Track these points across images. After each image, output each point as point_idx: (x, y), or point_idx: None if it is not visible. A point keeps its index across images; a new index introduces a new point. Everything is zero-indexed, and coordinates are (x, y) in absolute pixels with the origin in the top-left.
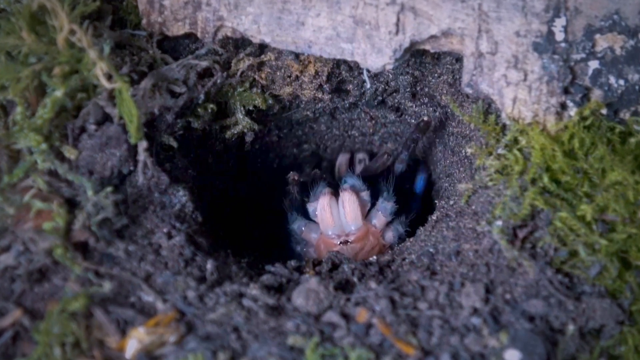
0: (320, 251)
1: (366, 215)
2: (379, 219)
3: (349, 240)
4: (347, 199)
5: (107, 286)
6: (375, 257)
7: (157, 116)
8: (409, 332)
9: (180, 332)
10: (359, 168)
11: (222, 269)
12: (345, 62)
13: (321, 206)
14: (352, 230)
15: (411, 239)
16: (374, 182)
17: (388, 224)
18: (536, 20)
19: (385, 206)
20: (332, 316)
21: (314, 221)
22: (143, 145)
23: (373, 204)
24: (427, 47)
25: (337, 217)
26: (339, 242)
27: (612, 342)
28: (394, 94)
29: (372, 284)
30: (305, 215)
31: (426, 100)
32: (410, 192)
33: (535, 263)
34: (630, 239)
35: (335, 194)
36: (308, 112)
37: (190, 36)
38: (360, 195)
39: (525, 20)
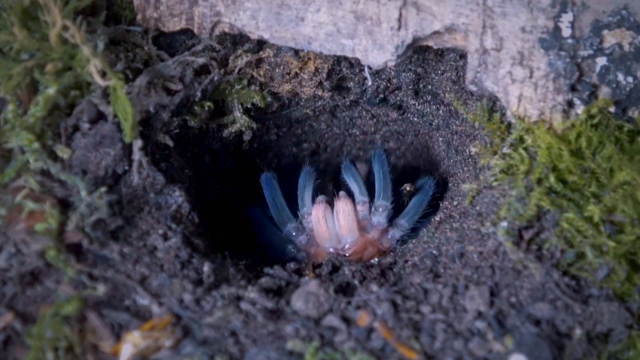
0: (318, 260)
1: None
2: (374, 231)
3: (346, 254)
4: (342, 209)
5: (101, 289)
6: (376, 259)
7: (152, 114)
8: (412, 337)
9: (176, 336)
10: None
11: (220, 271)
12: (346, 58)
13: (316, 218)
14: (348, 242)
15: (414, 241)
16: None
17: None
18: (542, 16)
19: (379, 219)
20: (332, 320)
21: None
22: (138, 144)
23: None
24: (430, 43)
25: (332, 229)
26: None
27: (621, 346)
28: (396, 91)
29: (374, 287)
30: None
31: (429, 97)
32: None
33: (541, 265)
34: (639, 240)
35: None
36: (308, 110)
37: (186, 32)
38: (357, 205)
39: (531, 16)
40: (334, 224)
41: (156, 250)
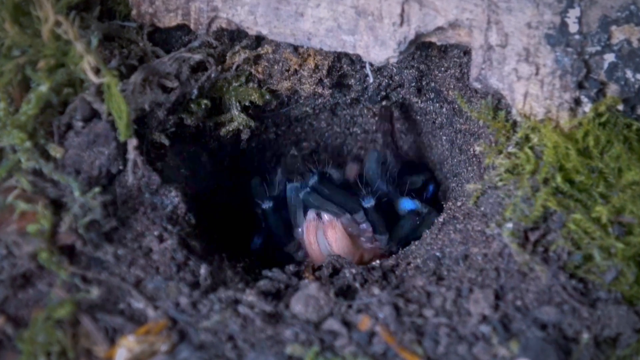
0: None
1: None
2: (366, 235)
3: None
4: (332, 237)
5: (94, 292)
6: (378, 261)
7: (147, 112)
8: (414, 341)
9: (172, 340)
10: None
11: (217, 274)
12: (346, 55)
13: (307, 243)
14: None
15: (416, 243)
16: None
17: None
18: (549, 11)
19: (364, 225)
20: (332, 324)
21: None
22: (133, 143)
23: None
24: (434, 39)
25: (326, 251)
26: None
27: (629, 351)
28: (398, 88)
29: (375, 290)
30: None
31: (432, 95)
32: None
33: (548, 268)
34: None
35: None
36: (307, 108)
37: (182, 28)
38: (346, 224)
39: (537, 11)
40: (326, 247)
41: (151, 252)
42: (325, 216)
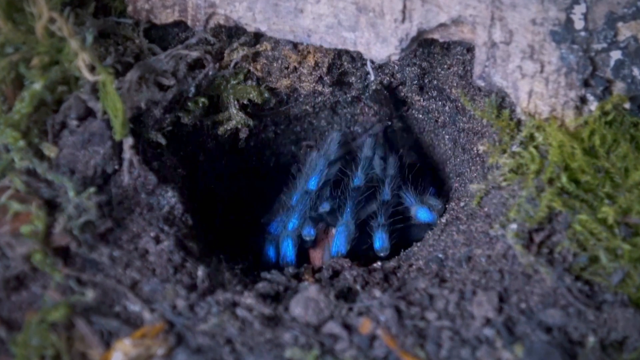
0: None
1: None
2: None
3: None
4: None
5: (90, 294)
6: (379, 263)
7: (144, 111)
8: (417, 344)
9: (169, 344)
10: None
11: (214, 276)
12: (347, 52)
13: (312, 255)
14: None
15: (418, 244)
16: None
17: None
18: (554, 7)
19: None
20: (333, 327)
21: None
22: (129, 142)
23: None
24: (436, 36)
25: (328, 257)
26: None
27: (636, 354)
28: (400, 86)
29: (377, 292)
30: None
31: (435, 93)
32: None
33: (553, 269)
34: None
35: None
36: (307, 107)
37: (179, 24)
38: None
39: (542, 7)
40: (329, 254)
41: (148, 254)
42: (333, 230)
